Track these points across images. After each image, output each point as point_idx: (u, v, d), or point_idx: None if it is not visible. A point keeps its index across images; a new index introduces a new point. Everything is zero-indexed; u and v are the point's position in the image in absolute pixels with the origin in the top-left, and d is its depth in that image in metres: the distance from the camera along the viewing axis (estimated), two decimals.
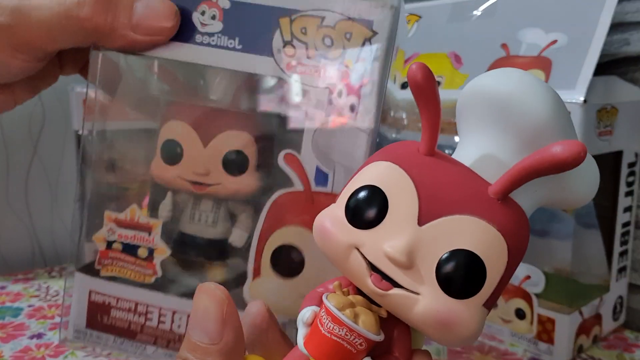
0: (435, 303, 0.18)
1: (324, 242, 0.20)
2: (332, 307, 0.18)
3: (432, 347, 0.47)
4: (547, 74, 0.45)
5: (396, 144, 0.21)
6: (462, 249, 0.17)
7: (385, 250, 0.18)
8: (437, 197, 0.18)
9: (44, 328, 0.51)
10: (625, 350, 0.47)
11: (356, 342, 0.18)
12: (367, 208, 0.19)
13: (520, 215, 0.19)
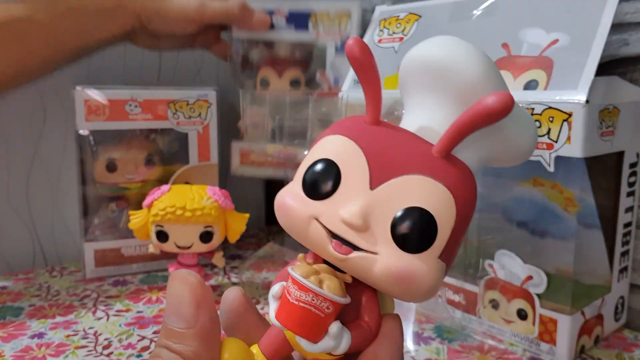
0: (392, 260, 0.19)
1: (286, 217, 0.21)
2: (297, 276, 0.19)
3: (432, 347, 0.47)
4: (549, 74, 0.45)
5: (344, 119, 0.22)
6: (412, 206, 0.18)
7: (341, 216, 0.19)
8: (385, 161, 0.19)
9: (44, 328, 0.51)
10: (625, 349, 0.47)
11: (323, 306, 0.19)
12: (322, 180, 0.20)
13: (464, 171, 0.20)
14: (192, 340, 0.21)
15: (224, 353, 0.21)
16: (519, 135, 0.21)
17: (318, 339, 0.19)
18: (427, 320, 0.52)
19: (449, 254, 0.20)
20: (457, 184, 0.19)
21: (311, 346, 0.20)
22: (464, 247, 0.50)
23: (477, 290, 0.49)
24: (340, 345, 0.20)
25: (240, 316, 0.24)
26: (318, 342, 0.20)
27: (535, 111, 0.43)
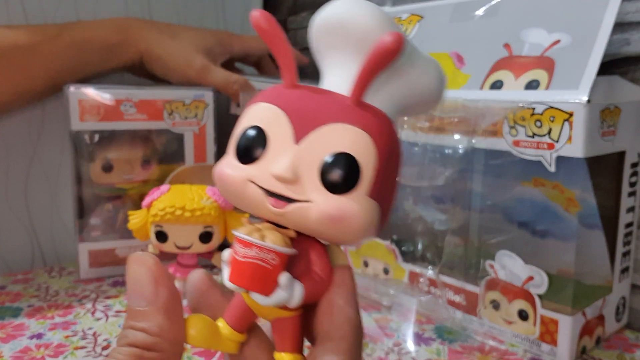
0: (325, 204, 0.20)
1: (225, 185, 0.22)
2: (240, 235, 0.21)
3: (432, 347, 0.47)
4: (550, 74, 0.45)
5: (264, 90, 0.23)
6: (334, 152, 0.20)
7: (272, 172, 0.21)
8: (305, 116, 0.21)
9: (43, 328, 0.50)
10: (626, 350, 0.47)
11: (268, 258, 0.20)
12: (250, 144, 0.21)
13: (378, 114, 0.21)
14: (155, 316, 0.21)
15: (189, 329, 0.22)
16: (422, 77, 0.23)
17: (270, 291, 0.21)
18: (428, 320, 0.52)
19: (380, 193, 0.21)
20: (372, 126, 0.21)
21: (265, 299, 0.21)
22: (464, 247, 0.50)
23: (478, 291, 0.49)
24: (293, 296, 0.21)
25: (205, 295, 0.25)
26: (271, 295, 0.21)
27: (536, 111, 0.43)
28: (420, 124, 0.47)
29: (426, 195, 0.52)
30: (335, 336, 0.22)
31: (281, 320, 0.22)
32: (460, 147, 0.46)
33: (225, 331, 0.23)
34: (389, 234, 0.56)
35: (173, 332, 0.22)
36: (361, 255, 0.61)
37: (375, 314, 0.53)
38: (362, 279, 0.58)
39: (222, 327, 0.23)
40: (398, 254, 0.56)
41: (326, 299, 0.22)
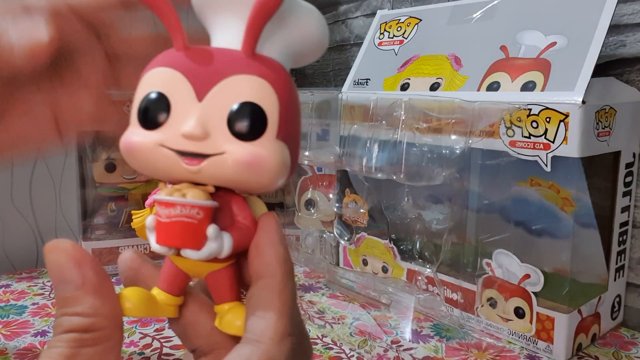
0: (238, 152, 0.21)
1: (134, 154, 0.22)
2: (161, 197, 0.21)
3: (430, 345, 0.48)
4: (546, 76, 0.45)
5: (155, 58, 0.23)
6: (239, 102, 0.21)
7: (182, 132, 0.21)
8: (203, 74, 0.21)
9: (47, 326, 0.51)
10: (621, 348, 0.47)
11: (193, 213, 0.21)
12: (154, 109, 0.21)
13: (272, 62, 0.22)
14: (85, 298, 0.21)
15: (125, 303, 0.22)
16: (306, 24, 0.24)
17: (201, 245, 0.21)
18: (426, 318, 0.52)
19: (286, 135, 0.22)
20: (269, 74, 0.21)
21: (197, 254, 0.21)
22: (462, 246, 0.51)
23: (475, 289, 0.50)
24: (223, 246, 0.21)
25: (137, 271, 0.25)
26: (202, 249, 0.21)
27: (532, 112, 0.44)
28: (418, 125, 0.48)
29: (424, 195, 0.53)
30: (266, 274, 0.22)
31: (214, 273, 0.23)
32: (458, 148, 0.46)
33: (161, 297, 0.23)
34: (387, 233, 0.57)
35: (108, 308, 0.21)
36: (360, 253, 0.61)
37: (374, 311, 0.54)
38: (361, 277, 0.59)
39: (157, 294, 0.23)
40: (397, 252, 0.56)
41: (254, 243, 0.23)
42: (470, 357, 0.46)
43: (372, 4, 0.78)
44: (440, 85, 0.53)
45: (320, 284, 0.62)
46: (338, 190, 0.63)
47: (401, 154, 0.47)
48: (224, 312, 0.23)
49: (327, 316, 0.53)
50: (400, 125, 0.48)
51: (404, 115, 0.48)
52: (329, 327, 0.51)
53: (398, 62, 0.59)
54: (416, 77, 0.56)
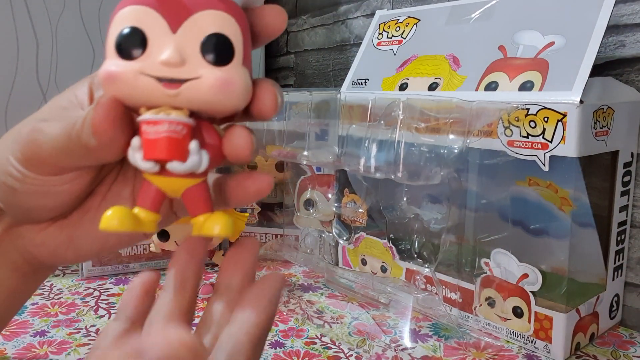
0: (213, 75, 0.23)
1: (115, 81, 0.24)
2: (149, 116, 0.24)
3: (429, 344, 0.48)
4: (544, 76, 0.45)
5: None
6: (209, 33, 0.24)
7: (161, 60, 0.23)
8: (174, 10, 0.24)
9: (47, 325, 0.51)
10: (619, 347, 0.48)
11: (178, 129, 0.24)
12: (131, 41, 0.23)
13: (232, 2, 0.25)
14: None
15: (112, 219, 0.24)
16: None
17: (185, 157, 0.24)
18: (424, 318, 0.52)
19: (247, 62, 0.25)
20: (231, 10, 0.24)
21: (182, 165, 0.24)
22: (460, 245, 0.51)
23: (474, 289, 0.50)
24: (202, 160, 0.24)
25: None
26: (186, 161, 0.24)
27: (530, 111, 0.44)
28: (417, 124, 0.48)
29: (422, 195, 0.53)
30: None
31: (190, 189, 0.25)
32: (456, 147, 0.46)
33: (142, 214, 0.25)
34: (386, 233, 0.57)
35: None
36: (359, 253, 0.61)
37: (373, 311, 0.54)
38: (360, 276, 0.59)
39: (138, 212, 0.25)
40: (395, 252, 0.57)
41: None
42: (468, 357, 0.46)
43: (372, 4, 0.78)
44: (438, 85, 0.53)
45: (319, 284, 0.62)
46: (337, 190, 0.63)
47: (399, 153, 0.48)
48: (202, 222, 0.25)
49: (326, 316, 0.54)
50: (398, 125, 0.48)
51: (402, 115, 0.48)
52: (327, 326, 0.51)
53: (397, 62, 0.59)
54: (415, 77, 0.56)
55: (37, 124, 0.28)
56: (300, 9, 0.93)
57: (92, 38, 0.74)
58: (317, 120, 0.59)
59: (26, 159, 0.28)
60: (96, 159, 0.27)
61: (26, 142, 0.28)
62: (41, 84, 0.70)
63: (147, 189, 0.26)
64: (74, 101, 0.29)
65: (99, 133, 0.25)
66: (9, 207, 0.30)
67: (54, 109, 0.29)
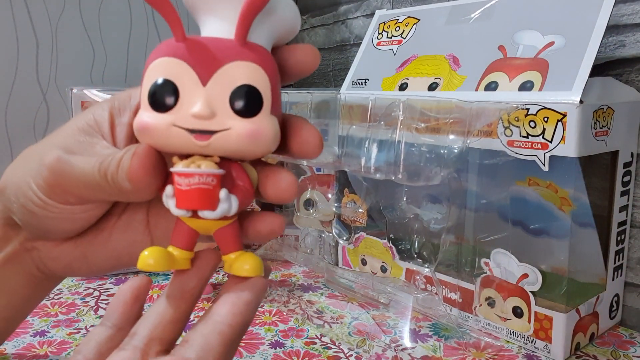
0: (241, 127, 0.24)
1: (150, 133, 0.25)
2: (181, 169, 0.25)
3: (429, 344, 0.48)
4: (544, 76, 0.45)
5: (157, 47, 0.26)
6: (238, 85, 0.24)
7: (193, 113, 0.24)
8: (204, 61, 0.24)
9: (47, 325, 0.51)
10: (619, 347, 0.48)
11: (208, 181, 0.25)
12: (164, 94, 0.24)
13: (261, 49, 0.26)
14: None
15: (147, 259, 0.25)
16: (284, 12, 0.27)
17: (215, 206, 0.25)
18: (424, 318, 0.52)
19: (276, 110, 0.26)
20: (260, 59, 0.25)
21: (213, 213, 0.25)
22: (460, 245, 0.51)
23: (474, 289, 0.50)
24: (232, 205, 0.25)
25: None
26: (217, 209, 0.25)
27: (530, 111, 0.44)
28: (417, 124, 0.48)
29: (422, 195, 0.53)
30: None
31: (222, 229, 0.27)
32: (456, 148, 0.46)
33: (176, 253, 0.27)
34: (386, 233, 0.57)
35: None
36: (359, 253, 0.61)
37: (373, 311, 0.54)
38: (360, 276, 0.59)
39: (172, 250, 0.27)
40: (395, 252, 0.57)
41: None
42: (468, 357, 0.46)
43: (372, 4, 0.78)
44: (438, 85, 0.53)
45: (319, 284, 0.62)
46: (337, 190, 0.63)
47: (399, 153, 0.48)
48: (232, 260, 0.27)
49: (325, 316, 0.54)
50: (398, 125, 0.48)
51: (402, 115, 0.48)
52: (327, 326, 0.51)
53: (396, 62, 0.59)
54: (414, 77, 0.56)
55: (63, 155, 0.28)
56: (300, 9, 0.93)
57: (92, 38, 0.74)
58: (317, 121, 0.59)
59: (50, 188, 0.28)
60: (127, 198, 0.28)
61: (51, 172, 0.28)
62: (41, 84, 0.70)
63: (181, 229, 0.27)
64: (93, 125, 0.30)
65: (133, 180, 0.26)
66: (26, 226, 0.31)
67: (74, 134, 0.29)
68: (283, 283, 0.63)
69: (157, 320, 0.25)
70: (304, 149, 0.27)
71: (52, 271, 0.32)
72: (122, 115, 0.30)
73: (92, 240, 0.31)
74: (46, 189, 0.28)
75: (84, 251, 0.31)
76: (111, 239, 0.31)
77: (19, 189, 0.29)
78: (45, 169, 0.28)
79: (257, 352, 0.47)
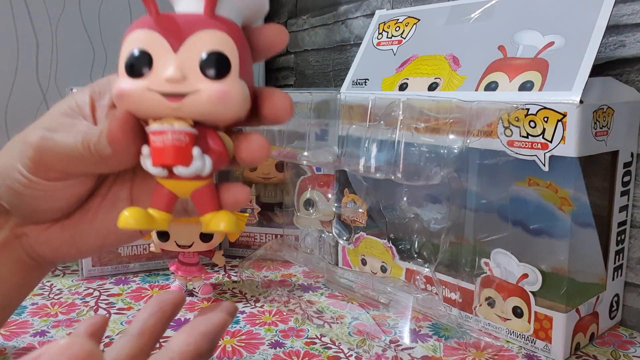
0: (211, 88, 0.26)
1: (126, 98, 0.26)
2: (156, 127, 0.26)
3: (428, 344, 0.48)
4: (544, 76, 0.45)
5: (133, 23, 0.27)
6: (208, 50, 0.26)
7: (165, 77, 0.26)
8: (175, 32, 0.26)
9: (47, 326, 0.51)
10: (619, 347, 0.48)
11: (181, 138, 0.26)
12: (140, 62, 0.26)
13: (230, 21, 0.27)
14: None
15: (128, 218, 0.27)
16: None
17: (189, 162, 0.26)
18: (424, 318, 0.52)
19: (245, 75, 0.27)
20: (227, 28, 0.26)
21: (187, 169, 0.26)
22: (460, 245, 0.51)
23: (474, 289, 0.50)
24: (205, 164, 0.27)
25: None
26: (190, 165, 0.26)
27: (530, 111, 0.44)
28: (417, 124, 0.48)
29: (422, 195, 0.53)
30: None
31: (198, 190, 0.28)
32: (456, 147, 0.46)
33: (155, 214, 0.28)
34: (386, 233, 0.57)
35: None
36: (359, 253, 0.61)
37: (373, 311, 0.54)
38: (360, 276, 0.59)
39: (152, 212, 0.28)
40: (395, 252, 0.57)
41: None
42: (468, 357, 0.46)
43: (372, 4, 0.78)
44: (438, 85, 0.53)
45: (319, 284, 0.62)
46: (337, 190, 0.63)
47: (399, 153, 0.48)
48: (209, 220, 0.28)
49: (325, 316, 0.54)
50: (398, 125, 0.48)
51: (402, 115, 0.48)
52: (327, 326, 0.51)
53: (396, 62, 0.59)
54: (414, 77, 0.56)
55: (47, 133, 0.29)
56: (300, 9, 0.93)
57: (92, 38, 0.74)
58: (317, 121, 0.59)
59: (35, 165, 0.29)
60: (109, 167, 0.29)
61: (36, 150, 0.29)
62: (41, 84, 0.70)
63: (159, 191, 0.28)
64: (74, 109, 0.31)
65: (113, 142, 0.27)
66: (14, 208, 0.32)
67: (56, 117, 0.31)
68: (283, 283, 0.63)
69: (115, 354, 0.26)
70: (275, 112, 0.28)
71: (42, 256, 0.33)
72: (102, 99, 0.31)
73: (79, 221, 0.32)
74: (31, 167, 0.29)
75: (72, 233, 0.32)
76: (97, 219, 0.32)
77: (4, 172, 0.30)
78: (29, 147, 0.29)
79: (257, 352, 0.47)
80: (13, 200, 0.31)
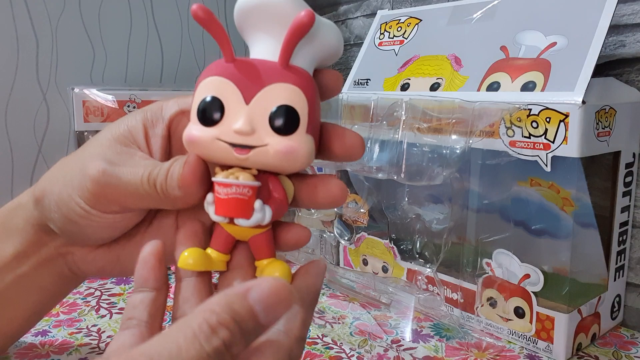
0: (278, 144, 0.26)
1: (197, 145, 0.27)
2: (220, 179, 0.27)
3: (430, 344, 0.48)
4: (546, 76, 0.45)
5: (208, 67, 0.28)
6: (278, 105, 0.26)
7: (234, 128, 0.26)
8: (249, 81, 0.27)
9: (48, 326, 0.51)
10: (621, 348, 0.48)
11: (244, 192, 0.27)
12: (211, 110, 0.27)
13: (302, 72, 0.28)
14: None
15: (187, 259, 0.28)
16: (327, 37, 0.29)
17: (250, 215, 0.27)
18: (426, 318, 0.52)
19: (313, 129, 0.28)
20: (300, 82, 0.27)
21: (247, 222, 0.27)
22: (462, 246, 0.51)
23: (475, 289, 0.50)
24: (266, 215, 0.27)
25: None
26: (250, 218, 0.27)
27: (532, 112, 0.44)
28: (419, 125, 0.48)
29: (424, 195, 0.53)
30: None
31: (256, 237, 0.29)
32: (458, 148, 0.46)
33: (214, 255, 0.29)
34: (388, 233, 0.57)
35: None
36: (360, 253, 0.61)
37: (375, 311, 0.54)
38: (361, 276, 0.59)
39: (210, 253, 0.29)
40: (397, 252, 0.57)
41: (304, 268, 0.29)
42: (470, 357, 0.46)
43: (372, 4, 0.78)
44: (440, 85, 0.53)
45: None
46: None
47: (401, 154, 0.48)
48: (264, 266, 0.29)
49: (327, 316, 0.54)
50: (400, 125, 0.48)
51: (404, 115, 0.48)
52: (329, 326, 0.51)
53: (398, 62, 0.59)
54: (416, 77, 0.56)
55: (108, 167, 0.30)
56: None
57: (92, 38, 0.74)
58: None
59: (95, 198, 0.30)
60: (173, 205, 0.30)
61: (97, 184, 0.29)
62: (41, 84, 0.70)
63: (220, 233, 0.29)
64: (128, 136, 0.31)
65: (184, 187, 0.28)
66: (66, 234, 0.32)
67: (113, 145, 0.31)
68: None
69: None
70: (346, 152, 0.29)
71: (85, 273, 0.34)
72: (156, 127, 0.32)
73: (125, 244, 0.33)
74: (91, 199, 0.30)
75: (117, 255, 0.33)
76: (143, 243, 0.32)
77: (60, 200, 0.31)
78: (89, 180, 0.29)
79: None
80: (67, 227, 0.31)
